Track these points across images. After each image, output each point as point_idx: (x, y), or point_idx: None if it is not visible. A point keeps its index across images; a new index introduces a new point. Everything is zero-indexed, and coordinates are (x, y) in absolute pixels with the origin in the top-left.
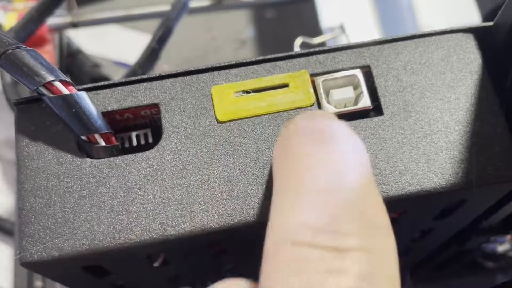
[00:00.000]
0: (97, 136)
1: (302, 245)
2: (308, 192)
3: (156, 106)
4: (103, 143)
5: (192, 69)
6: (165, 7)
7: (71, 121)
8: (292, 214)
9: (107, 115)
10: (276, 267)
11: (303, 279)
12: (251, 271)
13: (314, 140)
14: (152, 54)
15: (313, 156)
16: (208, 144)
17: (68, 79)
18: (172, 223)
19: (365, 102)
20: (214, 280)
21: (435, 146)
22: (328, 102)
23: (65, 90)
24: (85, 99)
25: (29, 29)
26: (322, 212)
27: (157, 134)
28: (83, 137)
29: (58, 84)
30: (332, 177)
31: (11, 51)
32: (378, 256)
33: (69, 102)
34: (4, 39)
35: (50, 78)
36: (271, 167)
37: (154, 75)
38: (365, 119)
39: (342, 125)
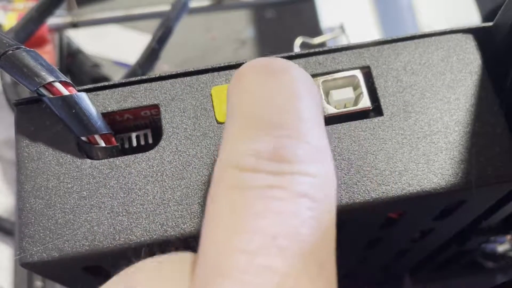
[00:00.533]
0: (97, 137)
1: (246, 170)
2: (255, 122)
3: (156, 107)
4: (103, 144)
5: (192, 69)
6: (165, 7)
7: (71, 122)
8: (239, 142)
9: (107, 116)
10: (220, 188)
11: (243, 197)
12: None
13: (268, 75)
14: (152, 54)
15: (265, 89)
16: (208, 145)
17: (68, 80)
18: (172, 224)
19: (365, 102)
20: None
21: (435, 146)
22: (328, 103)
23: (65, 91)
24: (85, 100)
25: (29, 29)
26: (267, 141)
27: (157, 135)
28: (83, 138)
29: (58, 85)
30: (279, 109)
31: (11, 52)
32: (319, 179)
33: (69, 103)
34: (4, 39)
35: (50, 79)
36: None
37: (154, 76)
38: (365, 120)
39: (301, 69)
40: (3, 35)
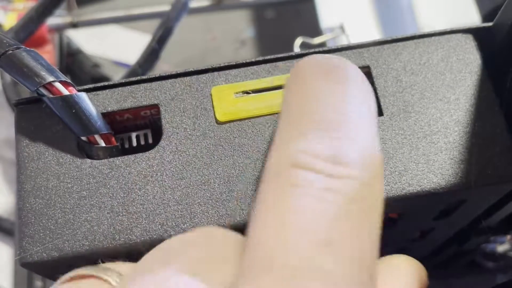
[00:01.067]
0: (97, 137)
1: (301, 167)
2: (314, 123)
3: (156, 106)
4: (103, 144)
5: (192, 69)
6: (165, 7)
7: (71, 121)
8: (295, 141)
9: (107, 116)
10: (274, 184)
11: (299, 195)
12: None
13: (327, 75)
14: (152, 54)
15: (325, 90)
16: (208, 145)
17: (68, 80)
18: (172, 224)
19: None
20: None
21: (434, 146)
22: None
23: (65, 91)
24: (85, 100)
25: (29, 29)
26: (325, 143)
27: (157, 135)
28: (83, 138)
29: (58, 85)
30: (335, 110)
31: (11, 52)
32: (372, 186)
33: (69, 103)
34: (4, 39)
35: (50, 79)
36: None
37: (154, 76)
38: None
39: (358, 70)
40: (3, 35)
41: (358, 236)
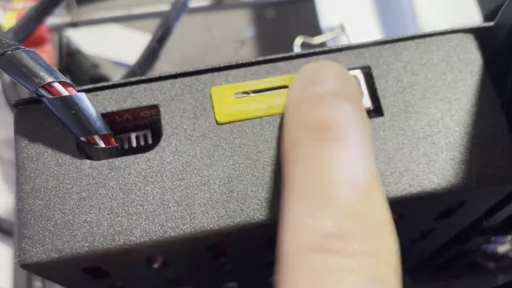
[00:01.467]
0: (96, 138)
1: (315, 251)
2: (315, 197)
3: (155, 107)
4: (102, 145)
5: (192, 70)
6: (165, 7)
7: (71, 122)
8: (304, 219)
9: (107, 116)
10: (294, 272)
11: (316, 283)
12: (251, 272)
13: (320, 138)
14: (151, 54)
15: (317, 156)
16: (208, 145)
17: (68, 80)
18: (172, 225)
19: (365, 103)
20: (214, 282)
21: (435, 147)
22: None
23: (64, 92)
24: (85, 100)
25: (28, 29)
26: (330, 217)
27: (157, 135)
28: (83, 139)
29: (57, 85)
30: (336, 181)
31: (10, 52)
32: (383, 256)
33: (69, 104)
34: (3, 40)
35: (49, 79)
36: (271, 168)
37: (153, 76)
38: None
39: (349, 109)
40: (2, 35)
41: None
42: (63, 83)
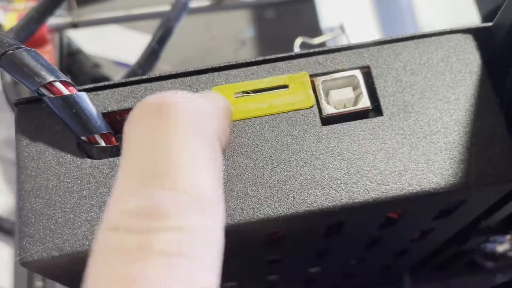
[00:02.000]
0: (97, 137)
1: (117, 231)
2: (134, 174)
3: None
4: (103, 144)
5: (192, 69)
6: (165, 7)
7: (71, 121)
8: (118, 198)
9: (107, 116)
10: (97, 253)
11: (114, 261)
12: (251, 273)
13: (153, 116)
14: (152, 54)
15: (146, 133)
16: None
17: (69, 80)
18: None
19: (365, 102)
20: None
21: (434, 146)
22: (328, 103)
23: (65, 91)
24: (85, 100)
25: (29, 29)
26: (142, 195)
27: None
28: (83, 138)
29: (58, 85)
30: (157, 156)
31: (11, 51)
32: (195, 234)
33: (69, 103)
34: (4, 39)
35: (50, 78)
36: (270, 168)
37: (154, 76)
38: (364, 120)
39: (188, 98)
40: (4, 35)
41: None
42: (64, 83)
